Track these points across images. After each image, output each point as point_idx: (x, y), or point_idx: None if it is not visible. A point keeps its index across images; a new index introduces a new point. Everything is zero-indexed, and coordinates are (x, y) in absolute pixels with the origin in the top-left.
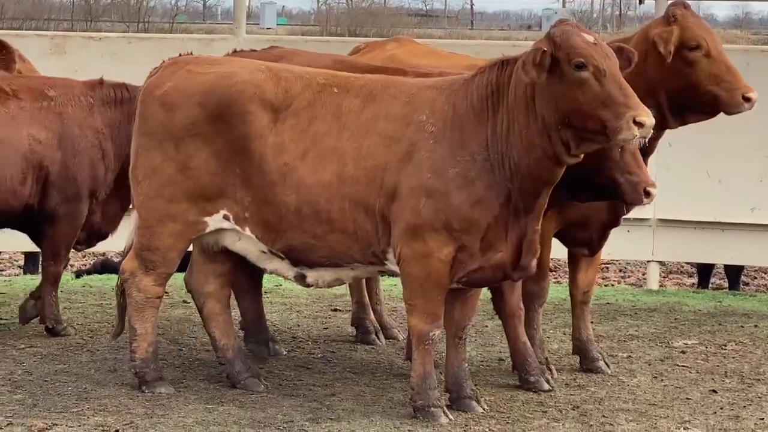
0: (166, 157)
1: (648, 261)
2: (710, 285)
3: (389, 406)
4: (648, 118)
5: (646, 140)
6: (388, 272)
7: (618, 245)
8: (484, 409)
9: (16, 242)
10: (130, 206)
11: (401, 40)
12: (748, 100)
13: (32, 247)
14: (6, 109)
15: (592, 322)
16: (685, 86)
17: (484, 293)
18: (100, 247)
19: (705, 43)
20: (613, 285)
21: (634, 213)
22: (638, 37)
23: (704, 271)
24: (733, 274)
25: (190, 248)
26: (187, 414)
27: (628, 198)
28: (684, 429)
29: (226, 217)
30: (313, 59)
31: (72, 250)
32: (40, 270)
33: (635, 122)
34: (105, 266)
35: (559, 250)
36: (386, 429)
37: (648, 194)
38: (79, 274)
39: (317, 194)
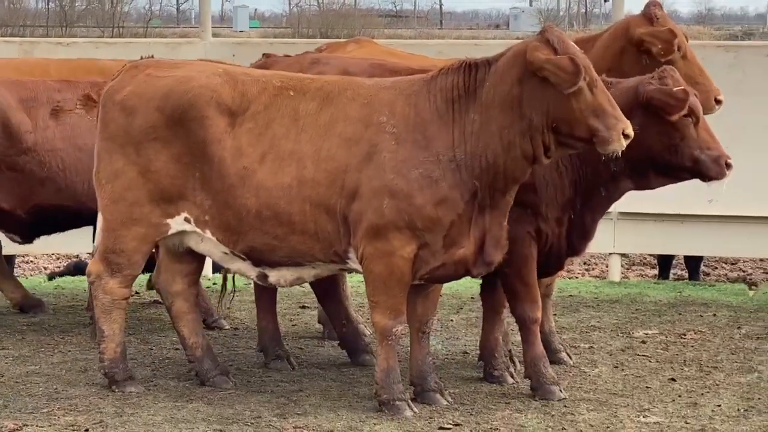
0: (127, 160)
1: (610, 253)
2: (671, 276)
3: (355, 401)
4: (631, 131)
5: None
6: (349, 270)
7: None
8: (448, 401)
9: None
10: None
11: (361, 41)
12: (719, 102)
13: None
14: (91, 116)
15: (555, 315)
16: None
17: (450, 287)
18: (74, 249)
19: (684, 45)
20: (577, 278)
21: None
22: (613, 35)
23: (664, 263)
24: (693, 264)
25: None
26: (156, 412)
27: (712, 173)
28: (643, 417)
29: (187, 220)
30: (349, 63)
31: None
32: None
33: (624, 135)
34: (78, 268)
35: None
36: (352, 423)
37: (729, 166)
38: (51, 277)
39: (277, 197)
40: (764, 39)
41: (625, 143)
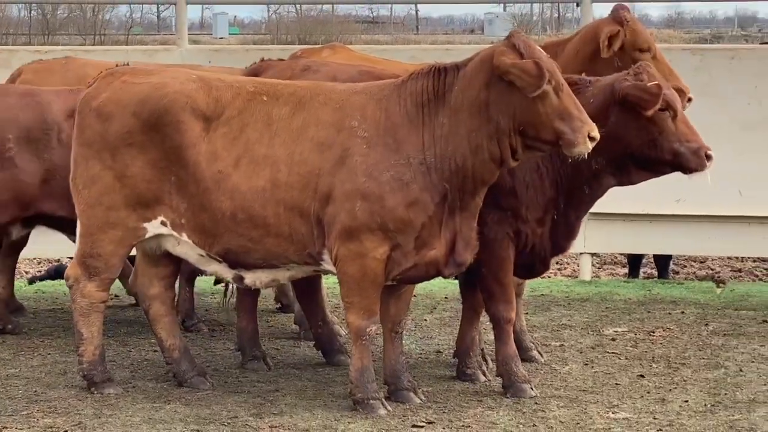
0: (104, 166)
1: (581, 253)
2: (641, 274)
3: (330, 400)
4: (597, 134)
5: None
6: (323, 272)
7: None
8: (421, 399)
9: None
10: None
11: (335, 47)
12: (689, 100)
13: None
14: None
15: (526, 313)
16: None
17: (424, 288)
18: (54, 253)
19: (654, 46)
20: (549, 277)
21: None
22: (583, 39)
23: (634, 262)
24: (662, 263)
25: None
26: (135, 413)
27: (692, 165)
28: (613, 413)
29: (163, 223)
30: (339, 70)
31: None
32: None
33: (590, 137)
34: (58, 272)
35: None
36: (327, 422)
37: (709, 157)
38: (32, 281)
39: (252, 200)
40: (734, 42)
41: (591, 146)
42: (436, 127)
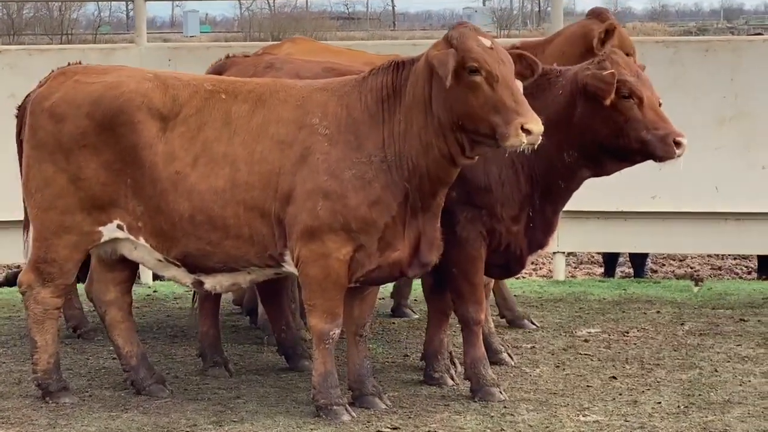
0: (57, 168)
1: (554, 253)
2: (618, 274)
3: (293, 406)
4: (535, 125)
5: (535, 146)
6: (285, 274)
7: None
8: (386, 405)
9: None
10: None
11: (296, 40)
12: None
13: None
14: None
15: (498, 315)
16: None
17: (390, 289)
18: (11, 259)
19: (635, 52)
20: (524, 277)
21: None
22: (570, 38)
23: (610, 261)
24: (638, 261)
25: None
26: (91, 423)
27: (660, 152)
28: (583, 416)
29: (119, 227)
30: (303, 67)
31: None
32: None
33: (523, 129)
34: (16, 278)
35: None
36: (289, 429)
37: (679, 144)
38: None
39: (210, 201)
40: (720, 35)
41: (525, 139)
42: (395, 124)
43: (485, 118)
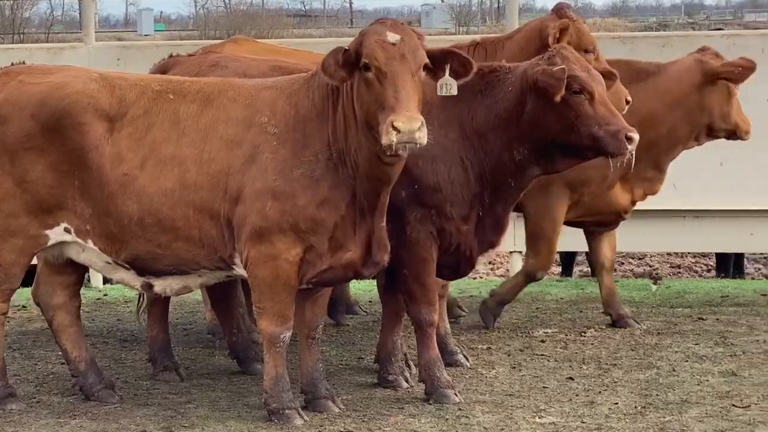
0: (2, 171)
1: (511, 252)
2: (576, 273)
3: (245, 411)
4: (404, 123)
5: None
6: (236, 277)
7: None
8: (340, 408)
9: None
10: None
11: (239, 40)
12: (628, 102)
13: None
14: None
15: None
16: None
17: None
18: None
19: (597, 48)
20: (481, 278)
21: None
22: (528, 35)
23: (567, 260)
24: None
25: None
26: (38, 429)
27: (610, 148)
28: (539, 417)
29: (67, 230)
30: (250, 65)
31: None
32: None
33: (393, 126)
34: None
35: None
36: None
37: (630, 140)
38: None
39: (159, 203)
40: (684, 29)
41: (395, 137)
42: (337, 122)
43: (375, 115)
